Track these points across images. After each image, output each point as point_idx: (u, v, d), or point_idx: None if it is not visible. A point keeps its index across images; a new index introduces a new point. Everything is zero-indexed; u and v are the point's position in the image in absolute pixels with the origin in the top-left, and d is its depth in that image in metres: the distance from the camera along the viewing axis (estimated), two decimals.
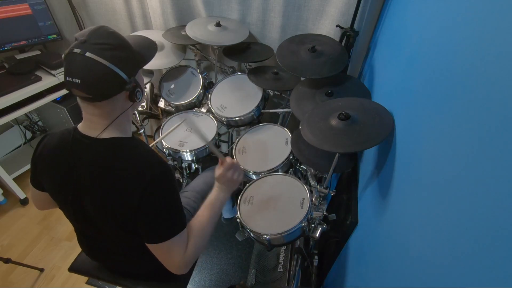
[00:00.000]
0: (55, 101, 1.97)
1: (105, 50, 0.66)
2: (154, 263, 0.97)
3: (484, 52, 0.47)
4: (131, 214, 0.73)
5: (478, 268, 0.39)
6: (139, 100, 0.76)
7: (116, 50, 0.68)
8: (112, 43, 0.68)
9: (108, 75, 0.67)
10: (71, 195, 0.79)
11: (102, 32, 0.69)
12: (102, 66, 0.66)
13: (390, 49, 1.06)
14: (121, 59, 0.69)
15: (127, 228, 0.78)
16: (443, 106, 0.57)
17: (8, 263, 1.47)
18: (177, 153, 1.41)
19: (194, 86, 1.63)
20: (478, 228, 0.41)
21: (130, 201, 0.72)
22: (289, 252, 1.34)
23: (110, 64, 0.66)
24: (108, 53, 0.66)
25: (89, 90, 0.68)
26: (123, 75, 0.69)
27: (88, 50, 0.65)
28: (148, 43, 0.83)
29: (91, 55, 0.65)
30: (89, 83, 0.67)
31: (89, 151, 0.74)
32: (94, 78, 0.66)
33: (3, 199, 1.98)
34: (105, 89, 0.69)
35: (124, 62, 0.69)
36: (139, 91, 0.75)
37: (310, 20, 1.45)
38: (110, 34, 0.70)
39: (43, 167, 0.82)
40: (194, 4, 1.63)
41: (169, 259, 0.78)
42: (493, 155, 0.40)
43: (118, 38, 0.71)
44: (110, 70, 0.66)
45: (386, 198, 0.79)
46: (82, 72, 0.66)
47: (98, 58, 0.65)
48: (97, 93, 0.69)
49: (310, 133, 0.91)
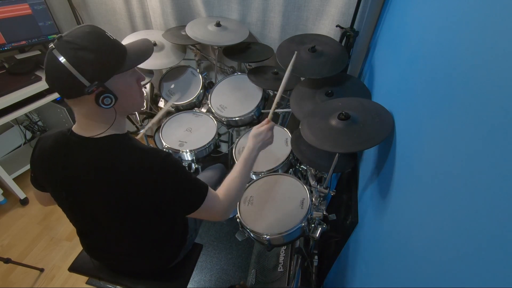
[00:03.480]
0: (55, 101, 1.97)
1: (70, 50, 0.63)
2: (155, 262, 0.98)
3: (484, 52, 0.47)
4: (147, 203, 0.76)
5: (479, 268, 0.39)
6: (108, 106, 0.69)
7: (82, 51, 0.64)
8: (80, 44, 0.64)
9: (65, 75, 0.64)
10: (71, 196, 0.79)
11: (80, 31, 0.66)
12: (61, 66, 0.63)
13: (390, 49, 1.06)
14: (84, 61, 0.64)
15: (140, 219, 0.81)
16: (443, 106, 0.57)
17: (8, 263, 1.47)
18: (177, 153, 1.41)
19: (194, 86, 1.63)
20: (479, 228, 0.41)
21: (144, 191, 0.73)
22: (289, 252, 1.34)
23: (68, 64, 0.63)
24: (71, 53, 0.63)
25: (51, 84, 0.68)
26: (82, 78, 0.64)
27: (57, 47, 0.64)
28: (144, 46, 0.79)
29: (56, 52, 0.63)
30: (50, 80, 0.67)
31: (86, 151, 0.73)
32: (52, 76, 0.66)
33: (3, 199, 1.97)
34: (63, 89, 0.67)
35: (88, 65, 0.64)
36: (108, 97, 0.68)
37: (310, 20, 1.44)
38: (86, 34, 0.66)
39: (41, 169, 0.82)
40: (194, 4, 1.63)
41: (210, 216, 0.84)
42: (493, 155, 0.40)
43: (92, 39, 0.66)
44: (66, 71, 0.63)
45: (386, 198, 0.79)
46: (46, 68, 0.66)
47: (59, 57, 0.63)
48: (58, 89, 0.68)
49: (310, 133, 0.91)
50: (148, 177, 0.72)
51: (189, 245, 1.09)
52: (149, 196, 0.74)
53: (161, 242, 0.94)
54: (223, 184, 0.88)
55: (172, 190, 0.75)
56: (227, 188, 0.86)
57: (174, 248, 1.00)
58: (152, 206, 0.77)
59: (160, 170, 0.73)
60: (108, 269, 1.03)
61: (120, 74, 0.71)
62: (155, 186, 0.73)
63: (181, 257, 1.05)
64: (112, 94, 0.69)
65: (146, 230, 0.87)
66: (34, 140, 2.33)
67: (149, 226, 0.86)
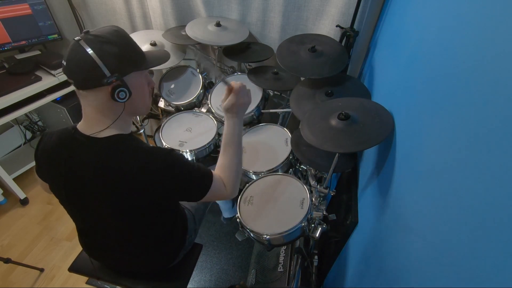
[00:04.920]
0: (55, 101, 1.97)
1: (97, 42, 0.67)
2: (155, 263, 0.98)
3: (484, 51, 0.47)
4: (153, 199, 0.77)
5: (479, 268, 0.39)
6: (121, 100, 0.72)
7: (108, 44, 0.68)
8: (107, 37, 0.69)
9: (88, 64, 0.67)
10: (72, 194, 0.79)
11: (108, 29, 0.71)
12: (86, 55, 0.66)
13: (390, 49, 1.06)
14: (109, 53, 0.68)
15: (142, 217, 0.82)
16: (443, 105, 0.57)
17: (8, 263, 1.47)
18: None
19: (194, 86, 1.63)
20: (479, 228, 0.41)
21: (150, 188, 0.74)
22: (289, 252, 1.34)
23: (94, 54, 0.66)
24: (97, 45, 0.67)
25: (70, 74, 0.70)
26: (105, 69, 0.67)
27: (83, 39, 0.67)
28: (162, 54, 0.84)
29: (82, 43, 0.66)
30: (70, 67, 0.69)
31: (90, 150, 0.74)
32: (75, 64, 0.68)
33: (3, 199, 1.97)
34: (83, 78, 0.69)
35: (112, 57, 0.68)
36: (123, 92, 0.71)
37: (310, 20, 1.44)
38: (112, 31, 0.71)
39: (44, 165, 0.83)
40: (194, 4, 1.63)
41: (218, 198, 0.88)
42: (493, 155, 0.40)
43: (118, 36, 0.71)
44: (91, 60, 0.66)
45: (386, 198, 0.79)
46: (69, 56, 0.68)
47: (86, 46, 0.66)
48: (77, 80, 0.70)
49: (310, 133, 0.91)
50: (154, 177, 0.73)
51: (189, 246, 1.09)
52: (155, 192, 0.75)
53: (161, 242, 0.94)
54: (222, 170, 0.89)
55: (178, 185, 0.77)
56: (228, 175, 0.88)
57: (173, 249, 1.00)
58: (156, 203, 0.79)
59: (166, 165, 0.74)
60: (108, 269, 1.03)
61: (137, 72, 0.75)
62: (162, 181, 0.74)
63: (181, 257, 1.05)
64: (128, 89, 0.72)
65: (146, 230, 0.87)
66: (34, 140, 2.33)
67: (149, 226, 0.86)
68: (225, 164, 0.89)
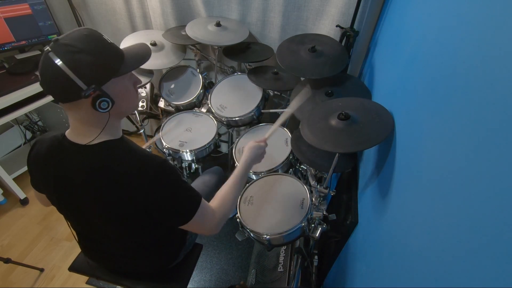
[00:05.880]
0: (55, 101, 1.97)
1: (67, 53, 0.62)
2: (155, 264, 0.98)
3: (484, 51, 0.47)
4: (140, 210, 0.73)
5: (479, 268, 0.39)
6: (104, 110, 0.67)
7: (80, 54, 0.63)
8: (78, 46, 0.63)
9: (61, 77, 0.62)
10: (65, 202, 0.79)
11: (78, 34, 0.65)
12: (57, 68, 0.61)
13: (390, 49, 1.06)
14: (82, 64, 0.63)
15: (135, 225, 0.78)
16: (443, 105, 0.57)
17: (8, 263, 1.47)
18: (177, 153, 1.41)
19: (194, 86, 1.63)
20: (478, 228, 0.41)
21: (137, 198, 0.71)
22: (289, 252, 1.34)
23: (65, 67, 0.61)
24: (68, 56, 0.62)
25: (47, 88, 0.66)
26: (79, 82, 0.62)
27: (53, 50, 0.62)
28: (142, 50, 0.78)
29: (52, 55, 0.62)
30: (45, 83, 0.66)
31: (79, 157, 0.72)
32: (48, 79, 0.64)
33: (3, 199, 1.97)
34: (59, 93, 0.66)
35: (86, 68, 0.63)
36: (105, 101, 0.67)
37: (310, 20, 1.44)
38: (84, 36, 0.65)
39: (36, 173, 0.82)
40: (194, 4, 1.63)
41: (200, 228, 0.83)
42: (493, 155, 0.40)
43: (90, 42, 0.65)
44: (62, 73, 0.61)
45: (386, 198, 0.79)
46: (41, 69, 0.65)
47: (55, 59, 0.61)
48: (54, 94, 0.66)
49: (310, 133, 0.91)
50: (141, 183, 0.70)
51: (189, 246, 1.09)
52: (141, 202, 0.71)
53: (160, 244, 0.93)
54: (217, 197, 0.87)
55: (165, 197, 0.73)
56: (221, 202, 0.86)
57: (173, 249, 1.00)
58: (145, 213, 0.75)
59: (155, 175, 0.71)
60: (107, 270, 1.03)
61: (117, 78, 0.70)
62: (148, 192, 0.70)
63: (181, 257, 1.05)
64: (109, 98, 0.67)
65: (143, 233, 0.85)
66: (34, 140, 2.33)
67: (146, 230, 0.84)
68: (224, 192, 0.89)
